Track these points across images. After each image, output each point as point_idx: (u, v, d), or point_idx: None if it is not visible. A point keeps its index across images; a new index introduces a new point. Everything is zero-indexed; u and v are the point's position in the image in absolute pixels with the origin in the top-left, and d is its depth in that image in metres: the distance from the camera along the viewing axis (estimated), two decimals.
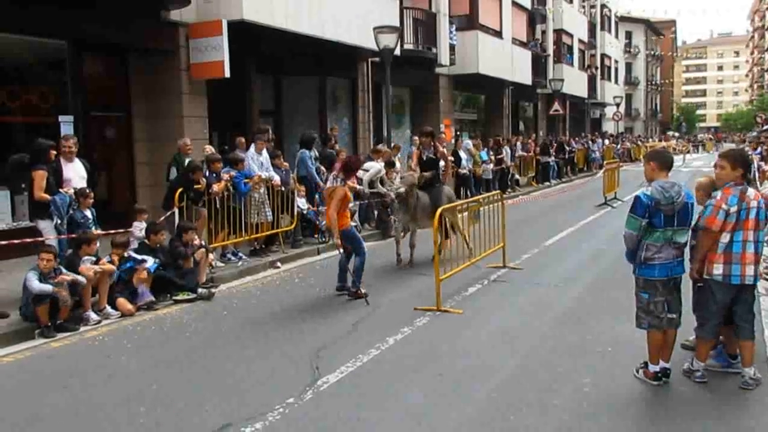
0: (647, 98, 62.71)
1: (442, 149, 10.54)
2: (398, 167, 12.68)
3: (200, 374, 5.31)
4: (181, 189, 8.70)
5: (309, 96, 16.27)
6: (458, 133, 22.51)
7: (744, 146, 21.78)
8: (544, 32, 30.94)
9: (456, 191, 16.74)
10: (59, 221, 7.39)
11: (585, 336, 5.97)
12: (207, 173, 9.11)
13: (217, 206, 9.11)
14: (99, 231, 7.81)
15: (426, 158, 9.68)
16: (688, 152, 45.87)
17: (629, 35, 57.94)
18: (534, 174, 22.60)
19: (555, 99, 27.91)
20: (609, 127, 44.81)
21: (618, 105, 40.64)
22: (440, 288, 7.01)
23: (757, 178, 12.50)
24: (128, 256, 7.47)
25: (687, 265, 4.86)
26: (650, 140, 47.43)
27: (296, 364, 5.39)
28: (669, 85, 73.83)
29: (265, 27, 12.29)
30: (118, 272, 7.29)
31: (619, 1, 51.74)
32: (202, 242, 8.43)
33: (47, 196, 7.25)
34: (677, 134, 65.60)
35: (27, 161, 7.50)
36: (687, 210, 4.65)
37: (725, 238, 4.63)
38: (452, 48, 20.47)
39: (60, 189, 7.49)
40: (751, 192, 4.69)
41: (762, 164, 14.55)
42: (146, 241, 7.89)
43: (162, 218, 8.67)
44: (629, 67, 57.83)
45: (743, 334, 4.75)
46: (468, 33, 21.66)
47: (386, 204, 11.45)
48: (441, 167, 9.94)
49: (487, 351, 5.67)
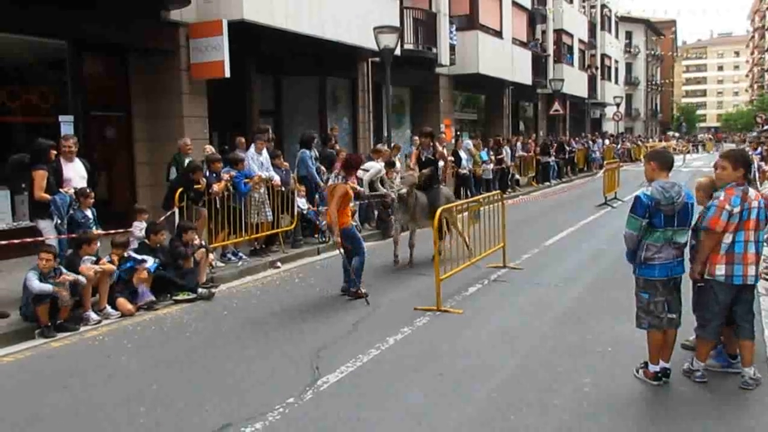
0: (647, 98, 62.71)
1: (441, 150, 10.54)
2: (398, 167, 12.68)
3: (200, 374, 5.31)
4: (181, 189, 8.70)
5: (309, 96, 16.27)
6: (458, 133, 22.51)
7: (744, 146, 21.78)
8: (544, 32, 30.95)
9: (456, 191, 16.75)
10: (59, 221, 7.39)
11: (585, 336, 5.97)
12: (207, 173, 9.11)
13: (217, 206, 9.11)
14: (100, 231, 7.81)
15: (425, 159, 9.70)
16: (688, 152, 45.87)
17: (629, 35, 57.94)
18: (534, 174, 22.59)
19: (555, 99, 27.91)
20: (609, 127, 44.81)
21: (618, 105, 40.65)
22: (440, 288, 7.01)
23: (757, 179, 12.50)
24: (128, 256, 7.47)
25: (687, 265, 4.86)
26: (650, 140, 47.44)
27: (296, 364, 5.39)
28: (669, 85, 73.83)
29: (265, 27, 12.29)
30: (118, 272, 7.29)
31: (619, 1, 51.78)
32: (202, 242, 8.43)
33: (47, 196, 7.25)
34: (677, 134, 65.60)
35: (27, 161, 7.50)
36: (687, 210, 4.65)
37: (728, 239, 4.62)
38: (452, 48, 20.47)
39: (60, 189, 7.49)
40: (752, 192, 4.70)
41: (762, 164, 14.56)
42: (146, 241, 7.89)
43: (162, 218, 8.67)
44: (629, 67, 57.83)
45: (743, 334, 4.75)
46: (468, 33, 21.66)
47: (386, 204, 11.45)
48: (440, 167, 9.94)
49: (488, 351, 5.68)
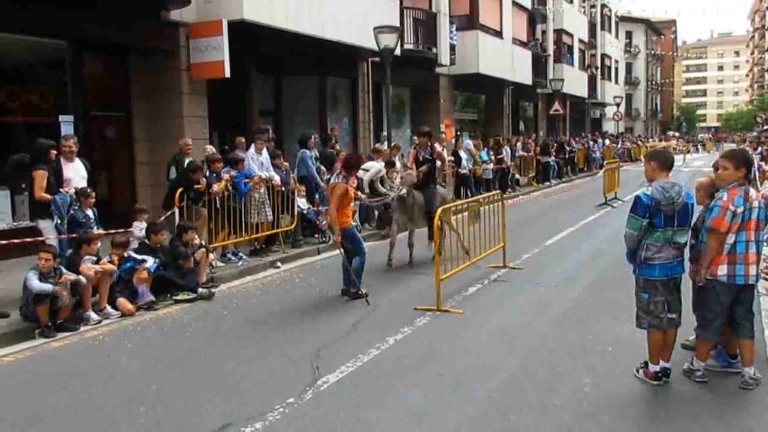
0: (647, 98, 62.71)
1: (439, 149, 10.54)
2: (398, 167, 12.68)
3: (200, 374, 5.31)
4: (182, 189, 8.71)
5: (309, 96, 16.27)
6: (458, 133, 22.52)
7: (744, 146, 21.77)
8: (545, 32, 30.96)
9: (456, 191, 16.77)
10: (59, 221, 7.39)
11: (585, 336, 5.97)
12: (207, 173, 9.12)
13: (218, 206, 9.12)
14: (100, 231, 7.81)
15: (422, 158, 9.70)
16: (689, 152, 45.84)
17: (629, 35, 57.95)
18: (534, 174, 22.58)
19: (555, 99, 27.92)
20: (609, 127, 44.82)
21: (618, 105, 40.67)
22: (440, 288, 7.01)
23: (758, 178, 12.50)
24: (128, 256, 7.47)
25: (687, 265, 4.87)
26: (650, 140, 47.44)
27: (296, 364, 5.39)
28: (669, 85, 73.83)
29: (265, 27, 12.29)
30: (119, 272, 7.29)
31: (620, 1, 51.79)
32: (203, 242, 8.43)
33: (48, 196, 7.25)
34: (677, 134, 65.59)
35: (27, 161, 7.51)
36: (687, 210, 4.65)
37: (730, 239, 4.62)
38: (452, 48, 20.47)
39: (60, 189, 7.49)
40: (753, 192, 4.70)
41: (762, 164, 14.56)
42: (146, 241, 7.89)
43: (162, 218, 8.67)
44: (629, 67, 57.83)
45: (743, 333, 4.75)
46: (468, 33, 21.66)
47: (387, 204, 11.45)
48: (438, 167, 9.96)
49: (488, 351, 5.67)
